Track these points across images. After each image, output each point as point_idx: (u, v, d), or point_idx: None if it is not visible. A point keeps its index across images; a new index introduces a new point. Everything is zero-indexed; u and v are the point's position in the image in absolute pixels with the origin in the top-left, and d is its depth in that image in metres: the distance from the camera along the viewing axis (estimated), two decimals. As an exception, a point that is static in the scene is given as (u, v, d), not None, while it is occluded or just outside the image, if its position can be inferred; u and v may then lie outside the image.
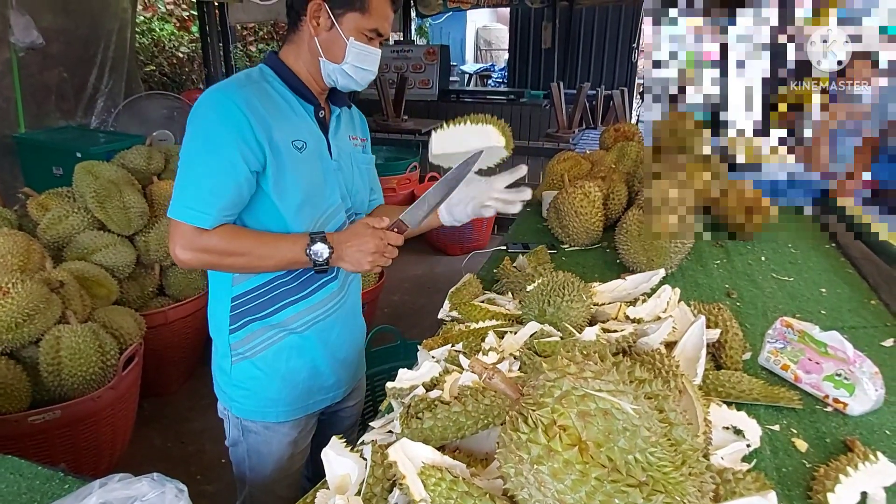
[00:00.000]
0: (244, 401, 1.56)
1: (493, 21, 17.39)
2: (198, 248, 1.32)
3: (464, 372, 1.16)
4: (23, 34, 3.67)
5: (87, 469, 2.32)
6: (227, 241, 1.33)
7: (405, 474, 0.84)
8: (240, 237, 1.35)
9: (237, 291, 1.47)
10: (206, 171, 1.30)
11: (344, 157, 1.53)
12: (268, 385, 1.54)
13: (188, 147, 1.33)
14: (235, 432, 1.62)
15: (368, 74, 1.44)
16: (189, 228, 1.30)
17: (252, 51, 9.14)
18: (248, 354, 1.52)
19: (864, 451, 1.09)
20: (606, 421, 0.71)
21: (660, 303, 1.42)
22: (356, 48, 1.38)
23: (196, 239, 1.31)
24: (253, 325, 1.49)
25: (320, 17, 1.37)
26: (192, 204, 1.30)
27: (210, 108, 1.32)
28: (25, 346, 2.20)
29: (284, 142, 1.36)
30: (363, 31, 1.38)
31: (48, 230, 2.75)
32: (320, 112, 1.47)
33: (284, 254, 1.36)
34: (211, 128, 1.31)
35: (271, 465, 1.62)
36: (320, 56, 1.41)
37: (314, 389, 1.61)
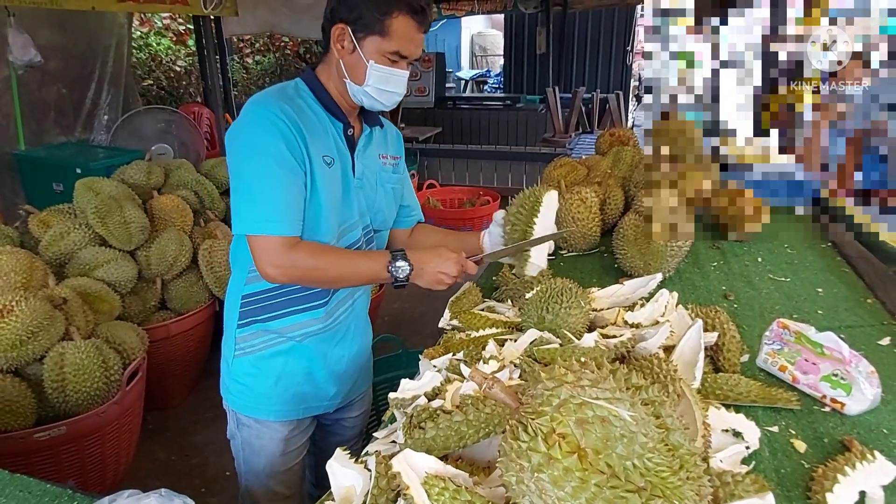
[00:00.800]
0: (239, 395, 1.62)
1: (487, 27, 17.46)
2: (287, 263, 1.35)
3: (465, 381, 1.18)
4: (21, 52, 3.68)
5: (94, 484, 2.33)
6: (314, 256, 1.38)
7: (409, 484, 0.86)
8: (324, 251, 1.41)
9: (248, 291, 1.53)
10: (275, 182, 1.34)
11: (368, 175, 1.56)
12: (261, 383, 1.59)
13: (243, 164, 1.37)
14: (232, 424, 1.69)
15: (393, 95, 1.47)
16: (276, 242, 1.34)
17: (249, 63, 9.16)
18: (248, 351, 1.57)
19: (861, 450, 1.10)
20: (604, 428, 0.72)
21: (658, 307, 1.44)
22: (377, 71, 1.40)
23: (283, 253, 1.35)
24: (255, 326, 1.55)
25: (344, 41, 1.40)
26: (273, 216, 1.34)
27: (254, 123, 1.36)
28: (30, 363, 2.21)
29: (317, 156, 1.41)
30: (384, 54, 1.39)
31: (50, 247, 2.77)
32: (349, 130, 1.51)
33: (369, 268, 1.44)
34: (264, 141, 1.34)
35: (263, 459, 1.66)
36: (345, 78, 1.44)
37: (308, 396, 1.64)
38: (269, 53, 9.43)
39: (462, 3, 9.04)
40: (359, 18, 1.36)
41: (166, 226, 3.09)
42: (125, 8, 4.28)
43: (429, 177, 6.19)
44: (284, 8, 6.17)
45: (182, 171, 3.46)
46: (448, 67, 11.98)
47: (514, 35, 10.98)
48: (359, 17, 1.36)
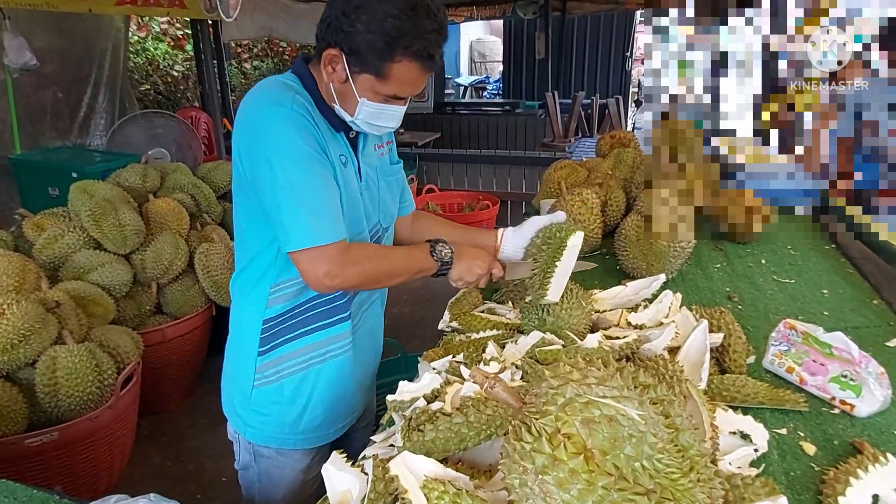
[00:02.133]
0: (261, 426, 1.51)
1: (486, 33, 17.50)
2: (346, 268, 1.27)
3: (465, 383, 1.15)
4: (16, 55, 3.67)
5: (87, 490, 2.29)
6: (366, 259, 1.32)
7: (407, 488, 0.82)
8: (373, 252, 1.37)
9: (270, 314, 1.43)
10: (314, 188, 1.25)
11: (370, 173, 1.48)
12: (288, 411, 1.49)
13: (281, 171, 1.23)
14: (247, 456, 1.57)
15: (385, 129, 1.39)
16: (332, 251, 1.25)
17: (247, 68, 9.17)
18: (272, 379, 1.46)
19: (873, 452, 1.07)
20: (612, 428, 0.69)
21: (661, 308, 1.41)
22: (369, 107, 1.29)
23: (343, 256, 1.27)
24: (280, 350, 1.45)
25: (336, 66, 1.27)
26: (325, 226, 1.25)
27: (281, 123, 1.23)
28: (21, 367, 2.18)
29: (336, 155, 1.34)
30: (379, 93, 1.27)
31: (44, 250, 2.74)
32: (350, 133, 1.41)
33: (415, 260, 1.41)
34: (294, 143, 1.23)
35: (283, 490, 1.57)
36: (334, 102, 1.32)
37: (337, 417, 1.57)
38: (268, 58, 9.45)
39: (461, 9, 9.06)
40: (355, 53, 1.22)
41: (162, 229, 3.06)
42: (122, 11, 4.28)
43: (428, 181, 6.17)
44: (283, 13, 6.17)
45: (178, 175, 3.43)
46: (447, 73, 12.01)
47: (513, 40, 10.99)
48: (355, 52, 1.22)
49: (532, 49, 9.33)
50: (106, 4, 3.88)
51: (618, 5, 8.54)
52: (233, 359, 1.55)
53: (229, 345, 1.56)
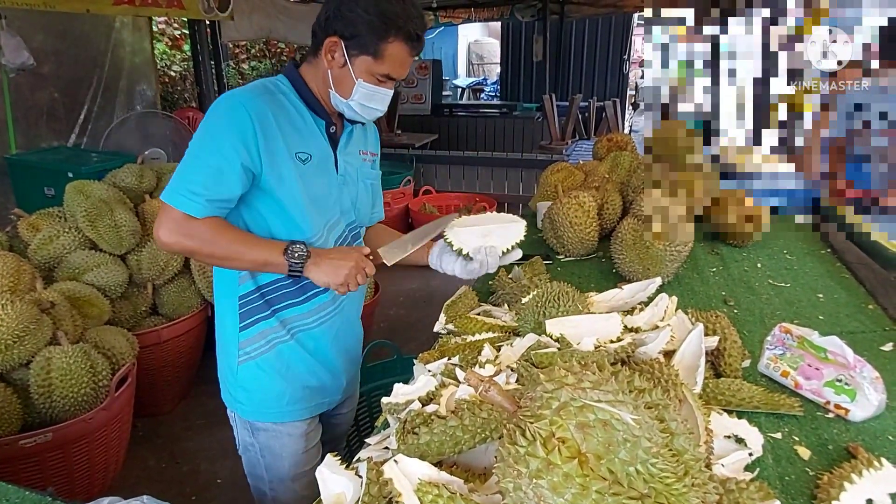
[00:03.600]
0: (250, 402, 1.59)
1: (484, 35, 17.52)
2: (182, 234, 1.35)
3: (460, 385, 1.14)
4: (13, 55, 3.66)
5: (81, 491, 2.28)
6: (211, 232, 1.37)
7: (401, 492, 0.82)
8: (223, 230, 1.38)
9: (243, 290, 1.52)
10: (204, 164, 1.34)
11: (351, 171, 1.57)
12: (272, 384, 1.57)
13: (193, 141, 1.38)
14: (245, 434, 1.64)
15: (375, 112, 1.48)
16: (178, 214, 1.34)
17: (245, 68, 9.17)
18: (253, 355, 1.54)
19: (867, 457, 1.07)
20: (606, 432, 0.69)
21: (657, 311, 1.41)
22: (364, 88, 1.41)
23: (183, 224, 1.34)
24: (259, 325, 1.52)
25: (335, 53, 1.40)
26: (185, 192, 1.33)
27: (221, 110, 1.37)
28: (16, 368, 2.17)
29: (289, 152, 1.40)
30: (374, 74, 1.40)
31: (39, 250, 2.73)
32: (331, 128, 1.51)
33: (261, 252, 1.40)
34: (217, 126, 1.35)
35: (287, 461, 1.63)
36: (330, 88, 1.44)
37: (315, 392, 1.63)
38: (265, 59, 9.44)
39: (459, 11, 9.08)
40: (354, 36, 1.37)
41: (159, 230, 3.05)
42: (120, 11, 4.27)
43: (425, 183, 6.17)
44: (281, 14, 6.18)
45: (175, 175, 3.42)
46: (445, 75, 11.99)
47: (510, 43, 11.01)
48: (354, 35, 1.37)
49: (530, 51, 9.36)
50: (104, 5, 3.87)
51: (616, 9, 8.57)
52: (220, 338, 1.62)
53: (216, 325, 1.62)
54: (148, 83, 5.56)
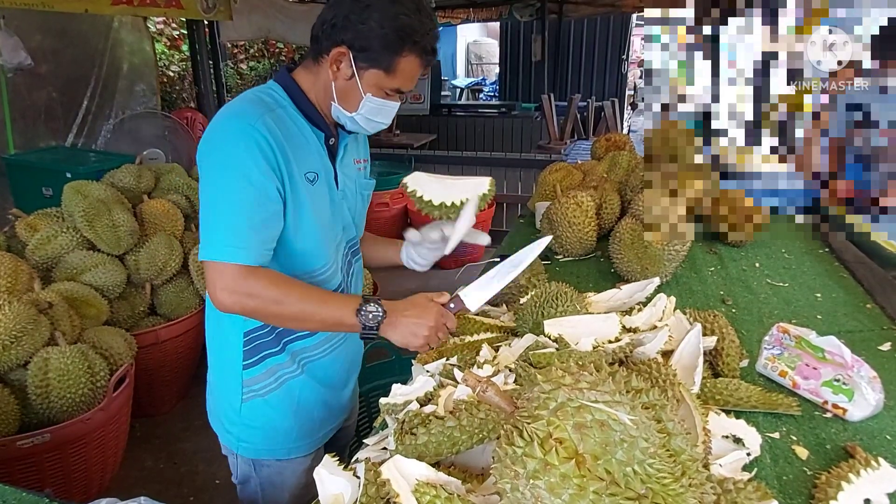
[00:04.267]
0: (254, 440, 1.49)
1: (483, 35, 17.51)
2: (244, 293, 1.21)
3: (458, 386, 1.14)
4: (11, 55, 3.66)
5: (78, 492, 2.28)
6: (274, 288, 1.23)
7: (399, 492, 0.82)
8: (287, 285, 1.26)
9: (249, 326, 1.40)
10: (242, 203, 1.21)
11: (349, 184, 1.48)
12: (281, 422, 1.48)
13: (214, 179, 1.24)
14: (246, 468, 1.54)
15: (380, 125, 1.40)
16: (231, 269, 1.20)
17: (243, 68, 9.16)
18: (261, 392, 1.44)
19: (865, 457, 1.07)
20: (603, 433, 0.69)
21: (655, 311, 1.41)
22: (372, 103, 1.32)
23: (240, 281, 1.20)
24: (269, 361, 1.42)
25: (342, 64, 1.28)
26: (233, 241, 1.20)
27: (233, 137, 1.23)
28: (13, 368, 2.17)
29: (299, 174, 1.30)
30: (383, 88, 1.31)
31: (37, 251, 2.73)
32: (330, 140, 1.41)
33: (332, 311, 1.28)
34: (238, 156, 1.21)
35: (287, 494, 1.55)
36: (333, 100, 1.33)
37: (325, 420, 1.57)
38: (264, 59, 9.43)
39: (458, 11, 9.08)
40: (365, 49, 1.26)
41: (156, 230, 3.05)
42: (119, 11, 4.27)
43: (423, 184, 6.16)
44: (280, 14, 6.17)
45: (173, 176, 3.42)
46: (443, 75, 12.00)
47: (509, 43, 11.01)
48: (365, 48, 1.26)
49: (528, 51, 9.36)
50: (102, 5, 3.87)
51: (614, 8, 8.57)
52: (216, 373, 1.51)
53: (211, 360, 1.51)
54: (146, 83, 5.55)
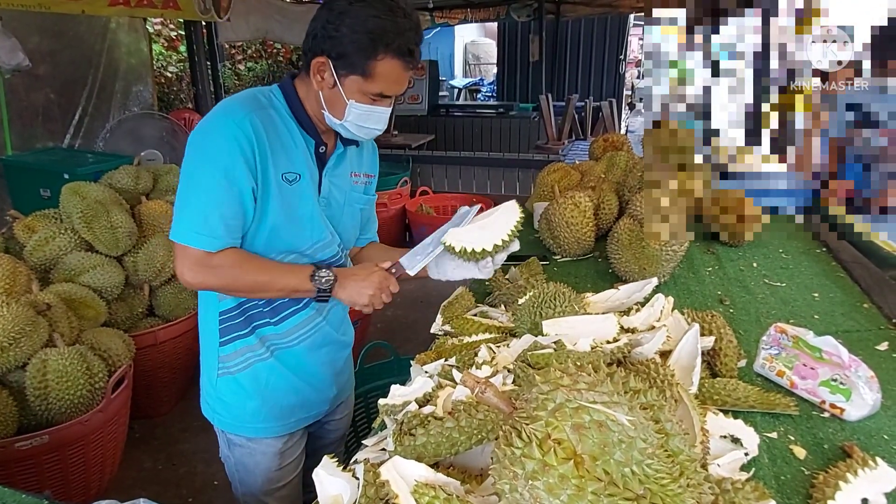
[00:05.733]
0: (226, 414, 1.57)
1: (480, 36, 17.51)
2: (206, 272, 1.33)
3: (457, 386, 1.15)
4: (9, 56, 3.65)
5: (77, 494, 2.28)
6: (234, 266, 1.34)
7: (398, 493, 0.82)
8: (246, 262, 1.36)
9: (223, 307, 1.49)
10: (212, 193, 1.29)
11: (336, 194, 1.52)
12: (248, 402, 1.55)
13: (192, 168, 1.32)
14: (224, 445, 1.64)
15: (373, 132, 1.42)
16: (196, 252, 1.31)
17: (241, 69, 9.14)
18: (232, 370, 1.52)
19: (863, 456, 1.07)
20: (601, 433, 0.69)
21: (653, 312, 1.41)
22: (358, 109, 1.35)
23: (204, 261, 1.32)
24: (238, 343, 1.50)
25: (324, 73, 1.34)
26: (199, 228, 1.30)
27: (215, 130, 1.31)
28: (12, 370, 2.16)
29: (275, 173, 1.36)
30: (366, 93, 1.34)
31: (35, 252, 2.72)
32: (321, 147, 1.45)
33: (288, 280, 1.38)
34: (219, 151, 1.29)
35: (259, 477, 1.61)
36: (323, 109, 1.39)
37: (296, 408, 1.61)
38: (262, 60, 9.41)
39: (455, 11, 9.08)
40: (342, 56, 1.30)
41: (154, 231, 3.05)
42: (116, 12, 4.27)
43: (422, 184, 6.17)
44: (277, 15, 6.16)
45: (171, 177, 3.41)
46: (441, 76, 12.00)
47: (507, 43, 11.00)
48: (342, 55, 1.29)
49: (526, 52, 9.36)
50: (99, 6, 3.87)
51: (612, 9, 8.58)
52: (202, 348, 1.60)
53: (199, 333, 1.60)
54: (144, 84, 5.55)
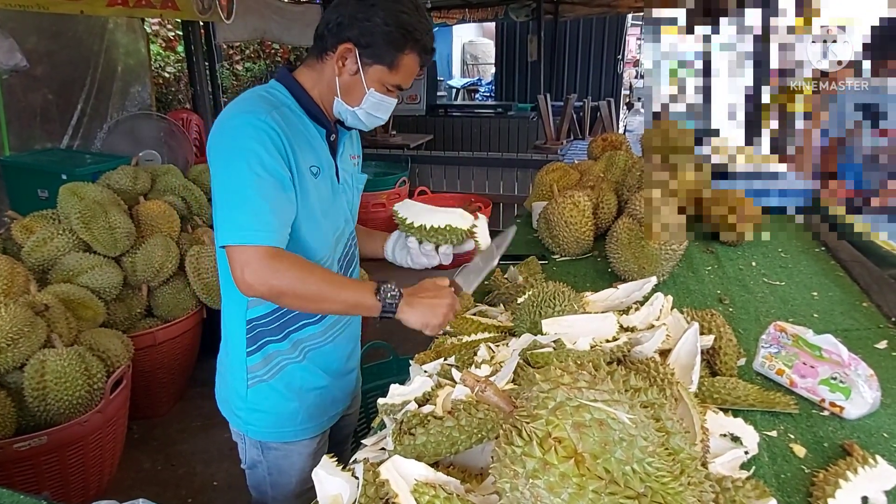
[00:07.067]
0: (262, 423, 1.54)
1: (479, 36, 17.51)
2: (270, 272, 1.24)
3: (456, 386, 1.14)
4: (6, 57, 3.64)
5: (76, 495, 2.27)
6: (298, 269, 1.27)
7: (398, 492, 0.82)
8: (309, 267, 1.30)
9: (252, 315, 1.45)
10: (257, 187, 1.25)
11: (348, 178, 1.54)
12: (284, 405, 1.52)
13: (227, 172, 1.28)
14: (254, 452, 1.59)
15: (378, 121, 1.46)
16: (258, 251, 1.23)
17: (239, 69, 9.13)
18: (265, 377, 1.49)
19: (862, 454, 1.07)
20: (602, 432, 0.69)
21: (653, 311, 1.41)
22: (374, 98, 1.39)
23: (267, 263, 1.23)
24: (269, 348, 1.47)
25: (347, 60, 1.35)
26: (254, 225, 1.23)
27: (240, 129, 1.28)
28: (10, 371, 2.16)
29: (305, 167, 1.36)
30: (386, 84, 1.38)
31: (33, 253, 2.72)
32: (331, 136, 1.47)
33: (352, 293, 1.32)
34: (247, 145, 1.26)
35: (294, 478, 1.60)
36: (337, 95, 1.40)
37: (327, 405, 1.61)
38: (260, 60, 9.41)
39: (453, 11, 9.09)
40: (370, 45, 1.33)
41: (153, 231, 3.04)
42: (114, 13, 4.25)
43: (420, 184, 6.17)
44: (275, 15, 6.16)
45: (169, 177, 3.41)
46: (439, 76, 12.00)
47: (505, 43, 11.02)
48: (370, 45, 1.32)
49: (524, 52, 9.35)
50: (97, 6, 3.85)
51: (610, 9, 8.59)
52: (224, 359, 1.57)
53: (221, 345, 1.58)
54: (142, 85, 5.54)
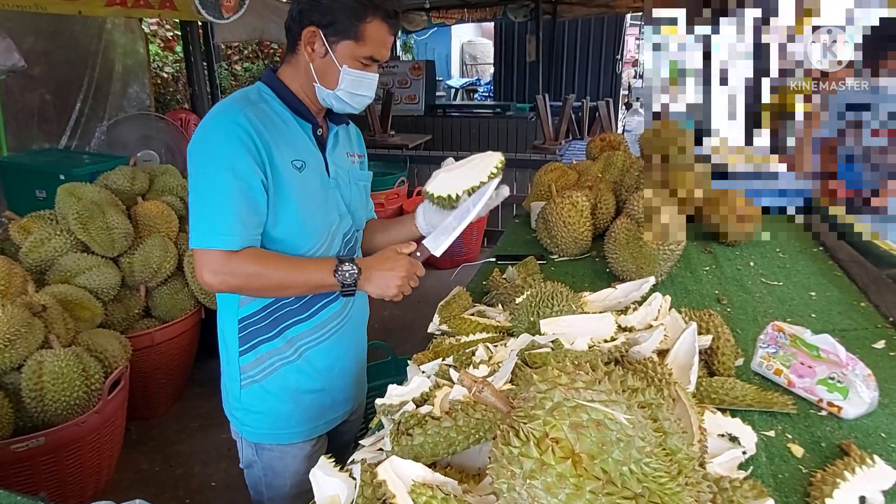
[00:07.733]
0: (256, 424, 1.55)
1: (477, 36, 17.52)
2: (227, 272, 1.31)
3: (454, 386, 1.14)
4: (4, 57, 3.64)
5: (74, 496, 2.27)
6: (255, 264, 1.33)
7: (395, 493, 0.82)
8: (267, 259, 1.35)
9: (244, 313, 1.47)
10: (223, 192, 1.29)
11: (342, 174, 1.54)
12: (279, 407, 1.53)
13: (201, 172, 1.32)
14: (249, 452, 1.61)
15: (364, 99, 1.45)
16: (217, 254, 1.30)
17: (237, 70, 9.13)
18: (257, 378, 1.51)
19: (860, 454, 1.07)
20: (600, 432, 0.69)
21: (651, 311, 1.41)
22: (350, 75, 1.39)
23: (225, 263, 1.30)
24: (262, 348, 1.49)
25: (315, 44, 1.37)
26: (217, 229, 1.29)
27: (217, 132, 1.32)
28: (7, 372, 2.16)
29: (283, 162, 1.37)
30: (358, 58, 1.38)
31: (30, 253, 2.71)
32: (318, 130, 1.48)
33: (311, 276, 1.36)
34: (222, 150, 1.30)
35: (289, 481, 1.61)
36: (315, 82, 1.41)
37: (325, 409, 1.60)
38: (258, 60, 9.41)
39: (452, 11, 9.08)
40: (332, 23, 1.34)
41: (151, 232, 3.04)
42: (112, 13, 4.25)
43: (419, 184, 6.16)
44: (273, 15, 6.15)
45: (167, 177, 3.41)
46: (438, 76, 12.00)
47: (504, 43, 11.02)
48: (332, 22, 1.34)
49: (523, 52, 9.35)
50: (95, 6, 3.85)
51: (608, 9, 8.58)
52: (223, 361, 1.58)
53: (219, 347, 1.58)
54: (140, 85, 5.54)
